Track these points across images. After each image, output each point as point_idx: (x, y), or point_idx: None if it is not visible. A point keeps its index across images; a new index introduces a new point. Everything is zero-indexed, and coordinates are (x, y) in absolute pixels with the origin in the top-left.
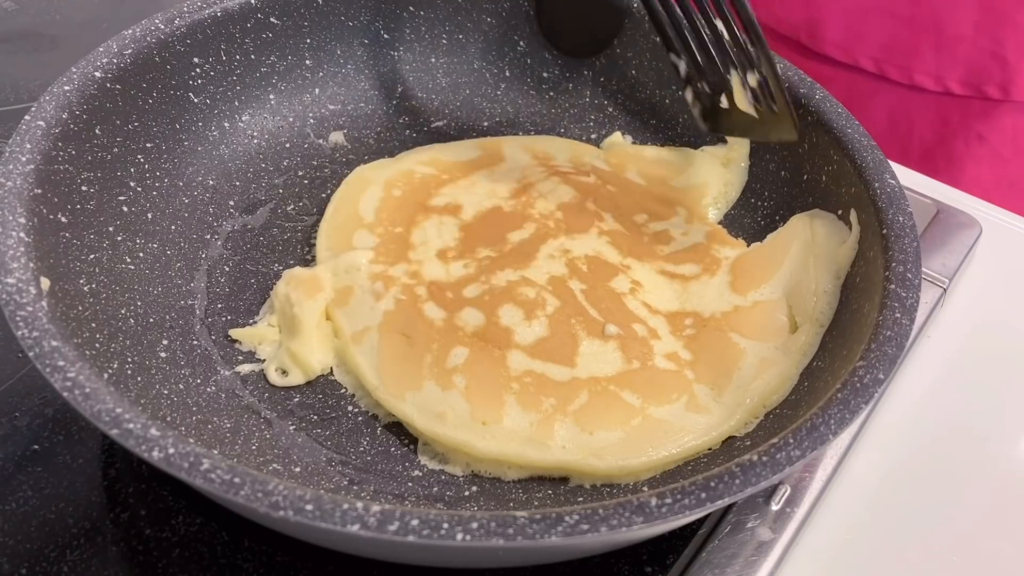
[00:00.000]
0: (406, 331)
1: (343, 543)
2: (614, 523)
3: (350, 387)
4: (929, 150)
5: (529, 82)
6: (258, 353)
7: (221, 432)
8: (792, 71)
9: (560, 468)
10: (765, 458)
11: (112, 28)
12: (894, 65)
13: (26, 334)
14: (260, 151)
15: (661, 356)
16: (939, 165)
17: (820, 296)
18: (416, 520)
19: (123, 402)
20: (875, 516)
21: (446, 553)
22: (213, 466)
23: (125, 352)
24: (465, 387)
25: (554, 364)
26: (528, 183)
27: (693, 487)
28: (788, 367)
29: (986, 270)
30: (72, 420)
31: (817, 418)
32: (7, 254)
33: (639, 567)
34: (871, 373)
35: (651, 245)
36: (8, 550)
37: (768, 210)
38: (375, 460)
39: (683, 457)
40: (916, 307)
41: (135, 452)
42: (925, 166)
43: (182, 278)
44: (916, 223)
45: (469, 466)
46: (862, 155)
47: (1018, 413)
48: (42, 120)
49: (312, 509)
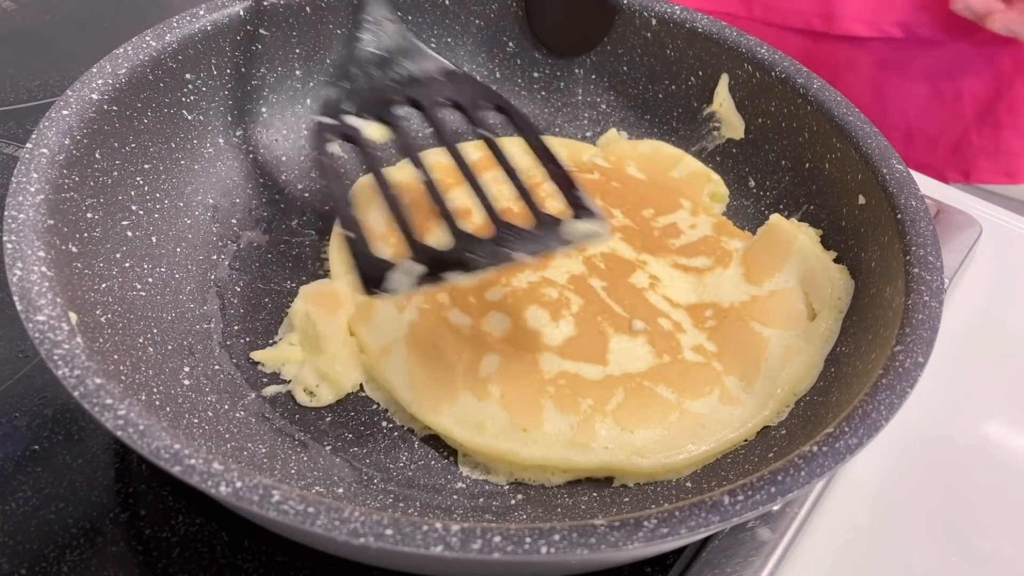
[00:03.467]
0: (434, 341)
1: (405, 563)
2: (692, 524)
3: (383, 403)
4: (987, 105)
5: (520, 83)
6: (282, 374)
7: (258, 458)
8: (787, 61)
9: (604, 469)
10: (825, 448)
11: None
12: (927, 23)
13: (67, 373)
14: (257, 166)
15: (689, 349)
16: (1002, 118)
17: (835, 283)
18: (498, 536)
19: (179, 436)
20: (875, 516)
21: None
22: (284, 497)
23: (150, 383)
24: (501, 395)
25: (586, 363)
26: (534, 183)
27: (762, 483)
28: (812, 354)
29: (986, 270)
30: (72, 420)
31: (867, 404)
32: (33, 290)
33: (639, 567)
34: (911, 357)
35: (662, 239)
36: (8, 550)
37: (771, 199)
38: (417, 475)
39: (722, 451)
40: (943, 289)
41: (200, 488)
42: (985, 123)
43: (194, 302)
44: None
45: (512, 474)
46: (866, 142)
47: (1018, 412)
48: (45, 148)
49: (392, 534)
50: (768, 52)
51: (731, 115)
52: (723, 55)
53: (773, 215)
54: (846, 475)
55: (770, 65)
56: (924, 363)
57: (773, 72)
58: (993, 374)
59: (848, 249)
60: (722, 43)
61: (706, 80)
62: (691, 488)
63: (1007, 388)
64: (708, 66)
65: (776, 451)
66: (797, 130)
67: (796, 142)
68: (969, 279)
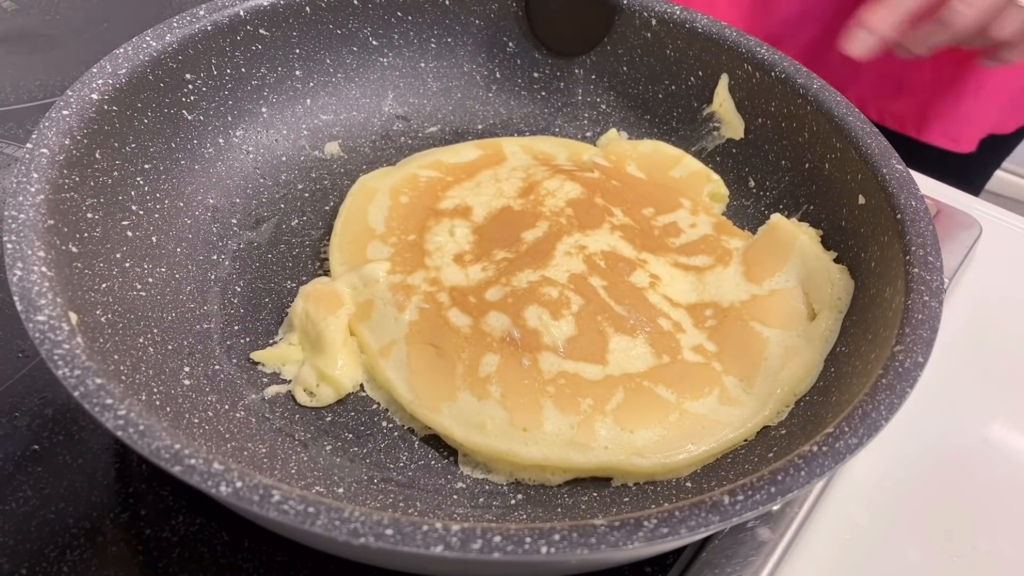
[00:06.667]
0: (434, 341)
1: (406, 563)
2: (692, 524)
3: (383, 402)
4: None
5: (520, 83)
6: (282, 374)
7: (258, 458)
8: (787, 61)
9: (604, 469)
10: (825, 448)
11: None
12: None
13: (68, 373)
14: (257, 166)
15: (688, 349)
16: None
17: (835, 283)
18: (498, 536)
19: (179, 436)
20: (875, 516)
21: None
22: (284, 497)
23: (150, 383)
24: (501, 395)
25: (586, 363)
26: (534, 181)
27: (762, 482)
28: (812, 354)
29: (986, 270)
30: (72, 420)
31: (867, 404)
32: (33, 290)
33: (639, 567)
34: (911, 357)
35: (662, 238)
36: (8, 550)
37: (771, 199)
38: (417, 475)
39: (722, 451)
40: (942, 289)
41: (200, 488)
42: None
43: (194, 302)
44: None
45: (512, 474)
46: (866, 142)
47: (1018, 413)
48: (45, 148)
49: (392, 534)
50: (768, 52)
51: (731, 115)
52: (723, 55)
53: (774, 215)
54: (846, 475)
55: (770, 65)
56: (924, 363)
57: (773, 72)
58: (993, 374)
59: (848, 249)
60: (722, 43)
61: (706, 80)
62: (691, 488)
63: (1007, 388)
64: (708, 66)
65: (776, 451)
66: (797, 130)
67: (796, 142)
68: (969, 279)
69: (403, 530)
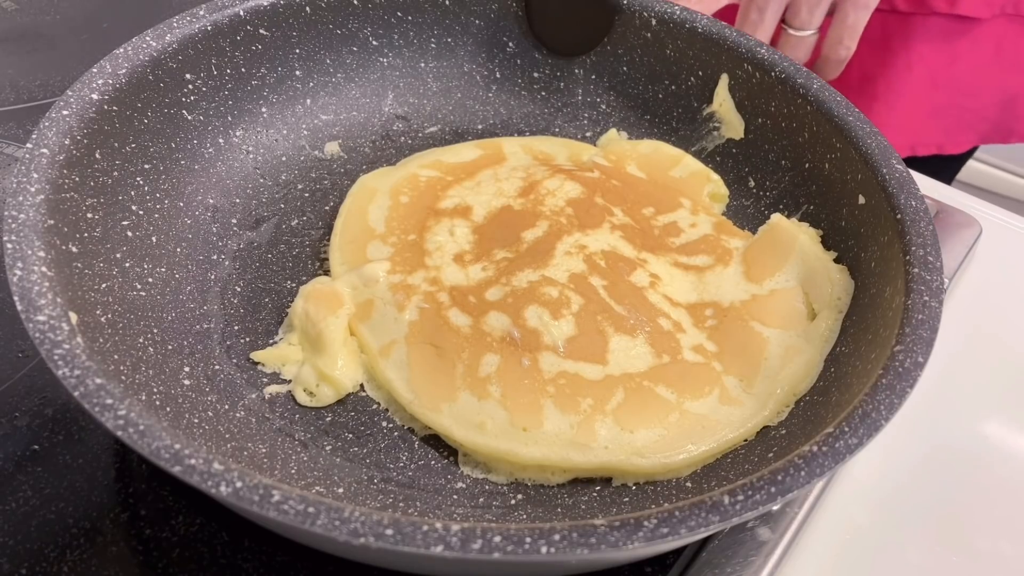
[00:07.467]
0: (434, 341)
1: (405, 563)
2: (692, 524)
3: (383, 402)
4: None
5: (520, 83)
6: (282, 374)
7: (258, 458)
8: (787, 61)
9: (604, 469)
10: (825, 448)
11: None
12: None
13: (68, 373)
14: (257, 166)
15: (688, 349)
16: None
17: (835, 283)
18: (499, 536)
19: (179, 436)
20: (875, 516)
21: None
22: (284, 497)
23: (150, 383)
24: (501, 395)
25: (586, 363)
26: (534, 181)
27: (762, 482)
28: (813, 354)
29: (986, 270)
30: (72, 420)
31: (867, 405)
32: (33, 290)
33: (639, 567)
34: (911, 357)
35: (662, 238)
36: (8, 550)
37: (771, 199)
38: (417, 475)
39: (722, 451)
40: (942, 289)
41: (200, 488)
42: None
43: (194, 302)
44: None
45: (512, 474)
46: (866, 142)
47: (1018, 413)
48: (45, 148)
49: (392, 534)
50: (768, 52)
51: (731, 115)
52: (723, 55)
53: (774, 215)
54: (846, 475)
55: (770, 65)
56: (924, 363)
57: (773, 72)
58: (993, 374)
59: (848, 249)
60: (722, 43)
61: (706, 80)
62: (691, 488)
63: (1007, 388)
64: (708, 66)
65: (776, 451)
66: (797, 130)
67: (796, 142)
68: (969, 279)
69: (403, 530)
